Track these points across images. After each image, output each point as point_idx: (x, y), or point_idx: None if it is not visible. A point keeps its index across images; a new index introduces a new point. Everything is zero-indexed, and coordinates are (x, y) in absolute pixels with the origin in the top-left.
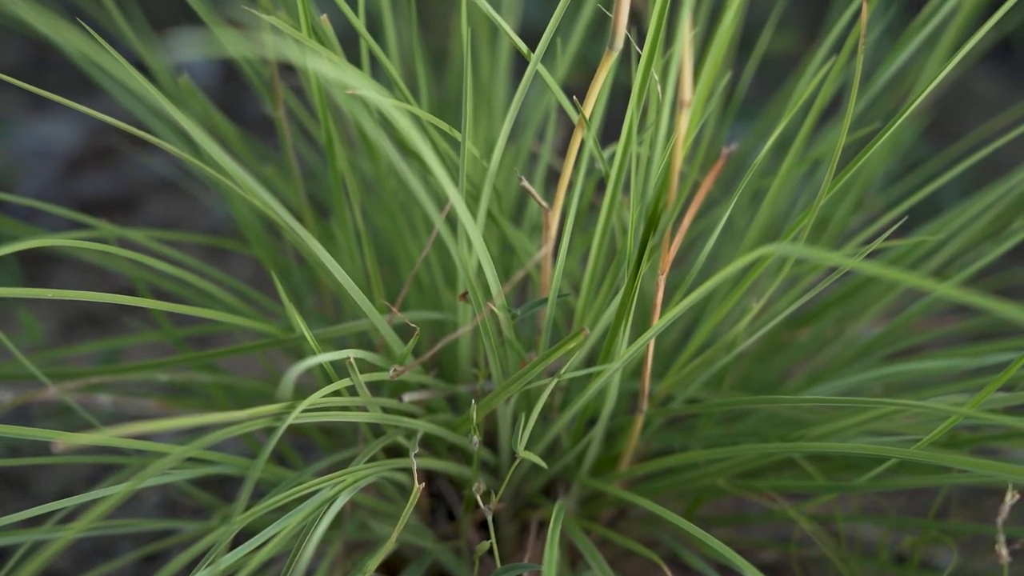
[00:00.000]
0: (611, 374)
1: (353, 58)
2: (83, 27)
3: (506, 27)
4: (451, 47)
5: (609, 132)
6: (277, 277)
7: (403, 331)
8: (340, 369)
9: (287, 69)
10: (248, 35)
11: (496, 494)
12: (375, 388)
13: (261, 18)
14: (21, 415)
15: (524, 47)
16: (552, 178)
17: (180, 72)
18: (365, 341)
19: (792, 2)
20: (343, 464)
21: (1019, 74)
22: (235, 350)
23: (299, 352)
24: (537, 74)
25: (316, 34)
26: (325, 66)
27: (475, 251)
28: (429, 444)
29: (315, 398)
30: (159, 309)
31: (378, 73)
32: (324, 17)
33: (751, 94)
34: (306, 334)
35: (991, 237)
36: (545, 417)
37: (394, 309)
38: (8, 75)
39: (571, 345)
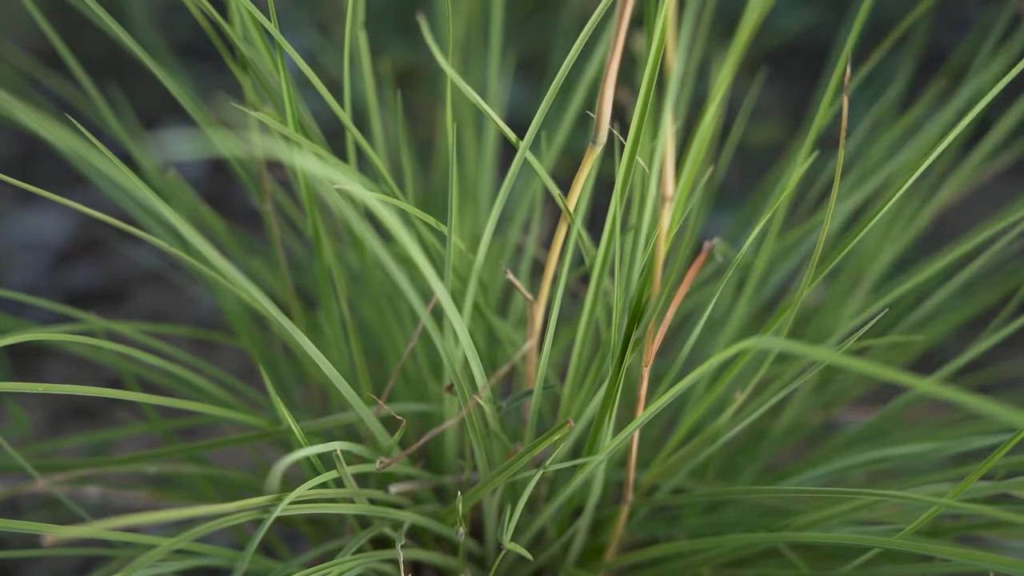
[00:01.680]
0: (596, 465)
1: (340, 149)
2: (72, 122)
3: (494, 116)
4: (437, 138)
5: (595, 220)
6: (264, 369)
7: (390, 422)
8: (327, 460)
9: (275, 162)
10: (236, 132)
11: None
12: (362, 479)
13: (248, 114)
14: (10, 507)
15: (512, 135)
16: (537, 269)
17: (168, 166)
18: (352, 433)
19: (774, 94)
20: (330, 555)
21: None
22: (223, 442)
23: (287, 444)
24: (522, 166)
25: (303, 127)
26: (311, 162)
27: (461, 344)
28: (416, 535)
29: (302, 490)
30: (147, 402)
31: (365, 165)
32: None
33: (735, 183)
34: (293, 427)
35: (977, 326)
36: (531, 508)
37: (380, 401)
38: None
39: (556, 437)
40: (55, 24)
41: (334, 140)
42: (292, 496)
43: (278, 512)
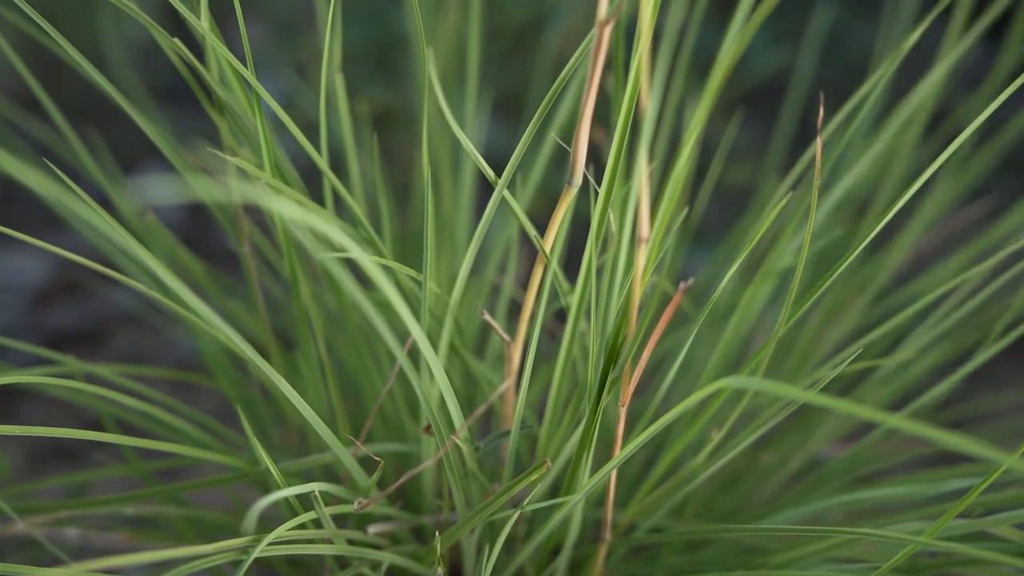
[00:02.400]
0: (574, 505)
1: (319, 189)
2: (49, 166)
3: (475, 153)
4: (414, 179)
5: (571, 259)
6: (242, 410)
7: (368, 463)
8: (306, 501)
9: (253, 205)
10: (214, 176)
11: None
12: (340, 519)
13: (226, 159)
14: None
15: (491, 174)
16: (514, 309)
17: (147, 209)
18: (330, 473)
19: (751, 134)
20: None
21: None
22: (202, 484)
23: (265, 485)
24: (498, 206)
25: (280, 171)
26: (288, 207)
27: (438, 384)
28: (394, 575)
29: (281, 531)
30: (127, 444)
31: (342, 207)
32: (281, 162)
33: (713, 222)
34: (271, 468)
35: (954, 364)
36: (509, 547)
37: (358, 443)
38: None
39: (534, 477)
40: (33, 68)
41: (312, 180)
42: (271, 537)
43: (257, 553)
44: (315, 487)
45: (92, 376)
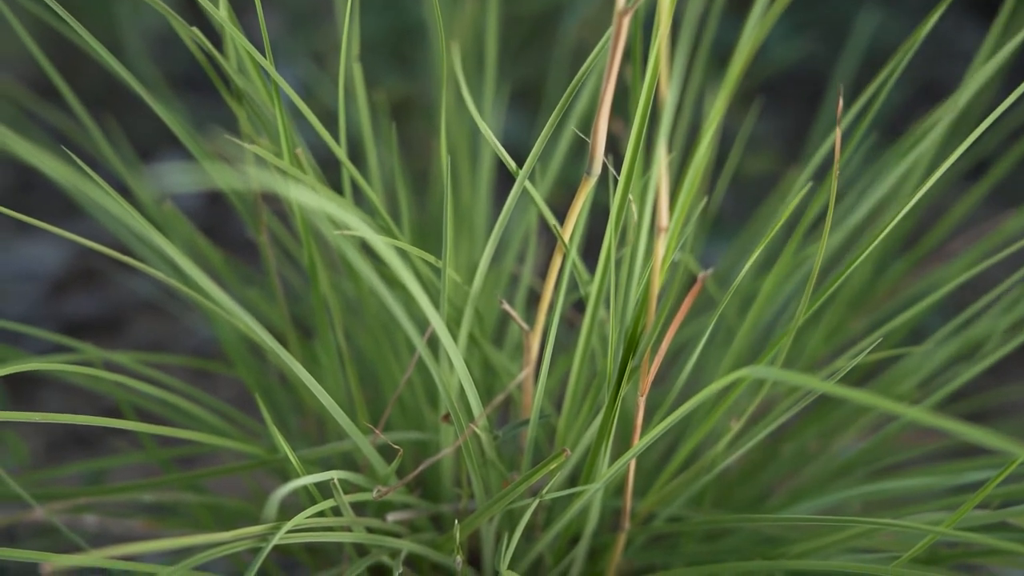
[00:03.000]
0: (593, 493)
1: (336, 178)
2: (68, 154)
3: (495, 142)
4: (432, 168)
5: (590, 249)
6: (261, 398)
7: (386, 451)
8: (324, 489)
9: (271, 193)
10: (232, 164)
11: None
12: (359, 507)
13: (244, 147)
14: (7, 536)
15: (512, 164)
16: (533, 299)
17: (165, 197)
18: (349, 461)
19: (769, 124)
20: None
21: (993, 192)
22: (220, 471)
23: (284, 473)
24: (517, 196)
25: (298, 160)
26: (307, 195)
27: (457, 373)
28: (413, 563)
29: (300, 519)
30: (145, 431)
31: (361, 196)
32: (299, 151)
33: (731, 212)
34: (290, 456)
35: (968, 357)
36: (528, 536)
37: (377, 431)
38: None
39: (553, 466)
40: (51, 56)
41: (330, 169)
42: (291, 524)
43: (276, 540)
44: (334, 475)
45: (110, 364)
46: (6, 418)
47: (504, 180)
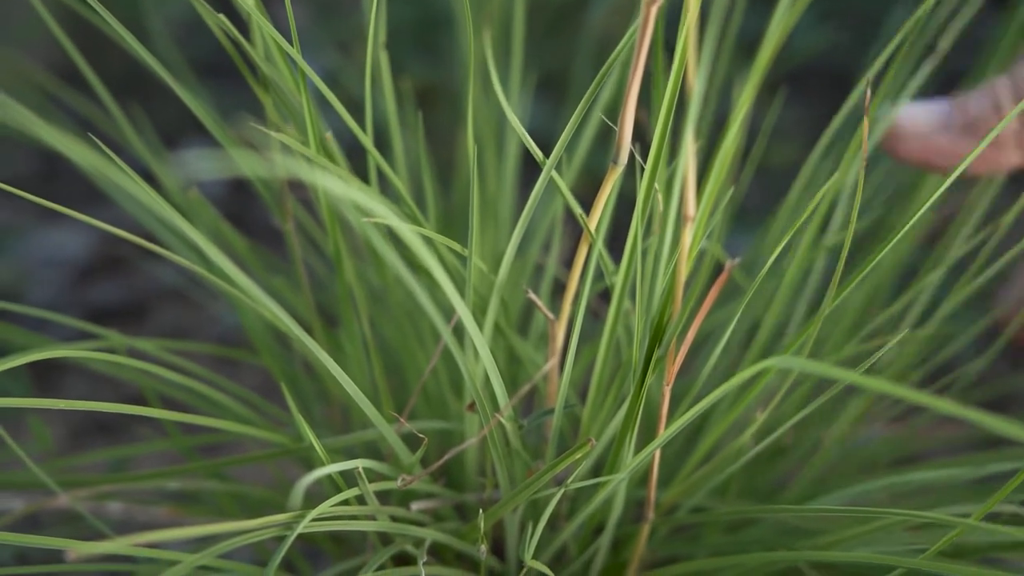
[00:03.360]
0: (618, 483)
1: (362, 166)
2: (93, 140)
3: (522, 131)
4: (458, 157)
5: (616, 238)
6: (286, 386)
7: (410, 440)
8: (348, 478)
9: (296, 182)
10: (257, 151)
11: None
12: (383, 496)
13: (270, 135)
14: (31, 523)
15: (538, 152)
16: (558, 289)
17: (190, 184)
18: (373, 450)
19: (794, 114)
20: (352, 572)
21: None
22: (245, 459)
23: (308, 461)
24: (544, 185)
25: (324, 147)
26: (333, 183)
27: (482, 362)
28: (437, 552)
29: (325, 507)
30: (169, 419)
31: (386, 184)
32: (328, 136)
33: (755, 203)
34: (315, 444)
35: (989, 342)
36: (552, 525)
37: (402, 419)
38: (19, 185)
39: (578, 455)
40: (75, 42)
41: (356, 157)
42: (316, 512)
43: (301, 528)
44: (359, 463)
45: (134, 351)
46: (30, 404)
47: (530, 169)
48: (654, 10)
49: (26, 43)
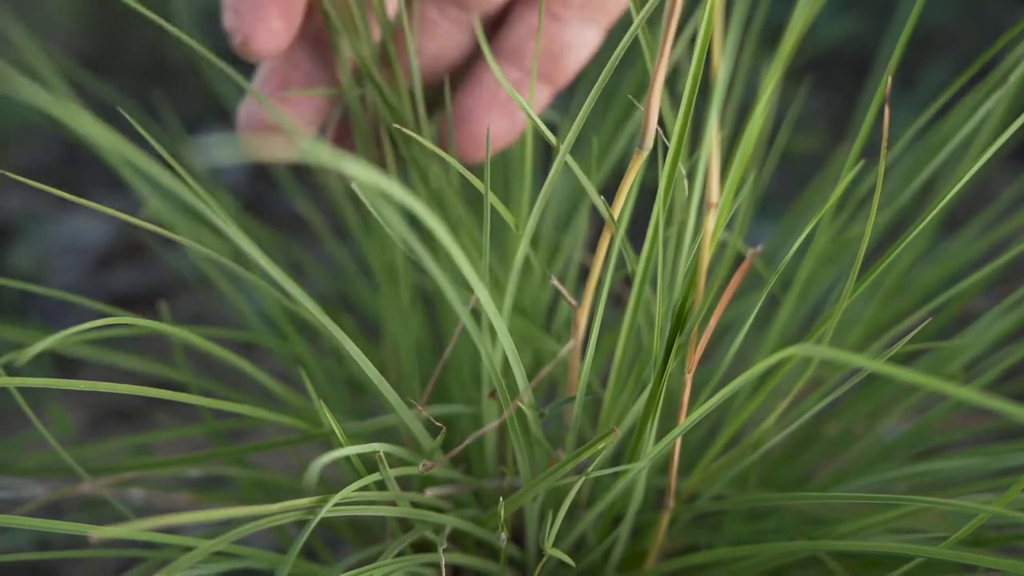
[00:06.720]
0: (638, 472)
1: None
2: (113, 127)
3: (533, 115)
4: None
5: (638, 225)
6: (306, 373)
7: (429, 426)
8: (367, 463)
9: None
10: (279, 138)
11: None
12: (403, 482)
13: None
14: (50, 509)
15: (551, 136)
16: (584, 276)
17: (210, 171)
18: (392, 436)
19: (816, 102)
20: (372, 559)
21: None
22: (266, 445)
23: (330, 448)
24: (567, 174)
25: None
26: (356, 167)
27: (502, 347)
28: (456, 539)
29: (347, 492)
30: (193, 403)
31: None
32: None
33: (778, 191)
34: (334, 426)
35: (1017, 338)
36: (572, 514)
37: (419, 406)
38: (39, 172)
39: (600, 446)
40: (97, 29)
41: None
42: (338, 497)
43: (324, 513)
44: (379, 447)
45: (154, 337)
46: (54, 385)
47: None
48: None
49: (50, 30)
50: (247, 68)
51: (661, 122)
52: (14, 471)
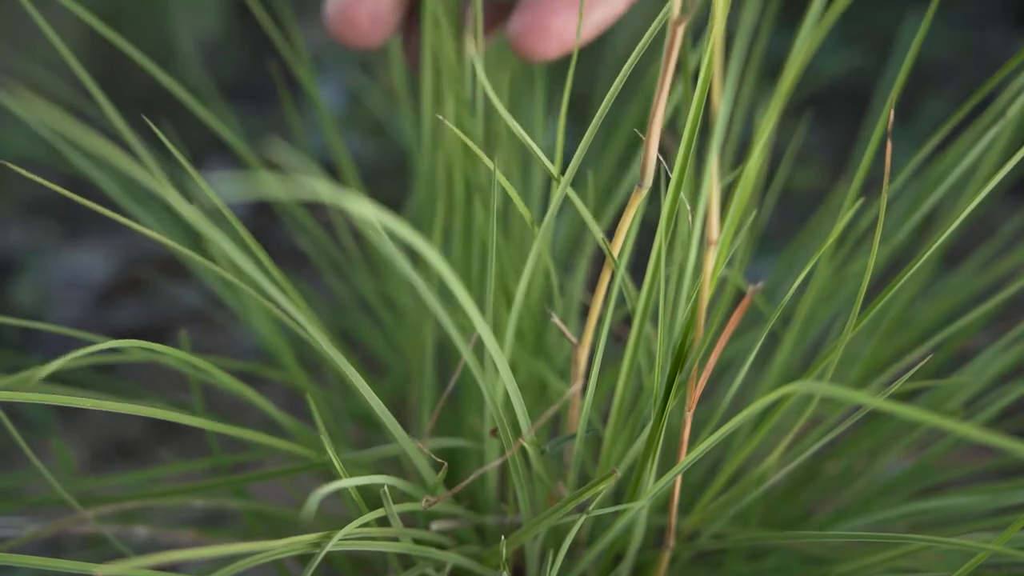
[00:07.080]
0: (638, 510)
1: (385, 190)
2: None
3: (529, 141)
4: (481, 179)
5: (638, 263)
6: (312, 400)
7: (433, 458)
8: (367, 496)
9: (319, 205)
10: (283, 173)
11: None
12: (405, 517)
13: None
14: (51, 546)
15: (552, 168)
16: (584, 313)
17: (215, 207)
18: (393, 467)
19: (816, 137)
20: None
21: None
22: (269, 474)
23: (331, 479)
24: (567, 210)
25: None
26: (359, 205)
27: (504, 384)
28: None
29: (352, 527)
30: (199, 426)
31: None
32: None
33: (777, 228)
34: (332, 457)
35: (1016, 375)
36: (572, 552)
37: (421, 445)
38: (42, 206)
39: (601, 487)
40: (102, 58)
41: (381, 179)
42: (343, 532)
43: (329, 547)
44: (382, 479)
45: (157, 368)
46: (58, 403)
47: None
48: (680, 30)
49: (52, 61)
50: (245, 102)
51: (664, 154)
52: (18, 504)
